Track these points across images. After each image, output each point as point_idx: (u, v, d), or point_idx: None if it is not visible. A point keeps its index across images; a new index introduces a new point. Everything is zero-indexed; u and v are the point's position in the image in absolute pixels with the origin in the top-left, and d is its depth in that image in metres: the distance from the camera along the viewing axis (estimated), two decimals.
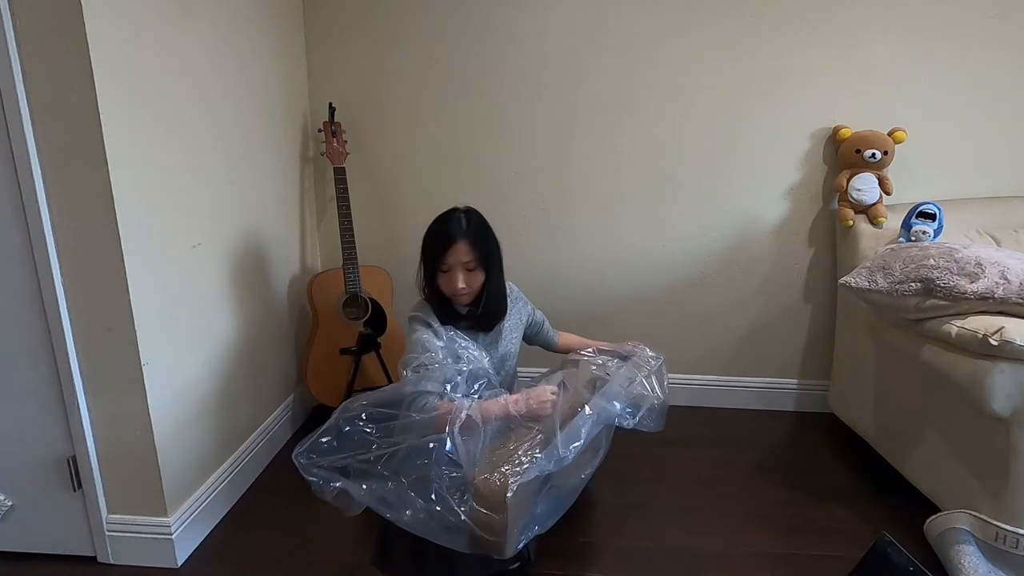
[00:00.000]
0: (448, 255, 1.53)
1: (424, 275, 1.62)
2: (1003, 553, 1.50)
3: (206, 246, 1.79)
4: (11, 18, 1.32)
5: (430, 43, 2.32)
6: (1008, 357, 1.42)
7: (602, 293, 2.47)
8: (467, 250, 1.54)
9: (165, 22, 1.59)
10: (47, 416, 1.56)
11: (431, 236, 1.58)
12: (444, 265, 1.55)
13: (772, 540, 1.74)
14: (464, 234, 1.54)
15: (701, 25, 2.21)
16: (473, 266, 1.55)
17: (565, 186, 2.40)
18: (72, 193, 1.42)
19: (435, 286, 1.60)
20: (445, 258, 1.54)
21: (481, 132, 2.38)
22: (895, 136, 2.13)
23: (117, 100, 1.42)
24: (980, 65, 2.16)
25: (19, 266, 1.46)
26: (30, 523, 1.65)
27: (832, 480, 2.02)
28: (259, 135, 2.09)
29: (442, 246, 1.54)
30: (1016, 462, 1.48)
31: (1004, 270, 1.53)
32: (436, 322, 1.60)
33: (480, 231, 1.58)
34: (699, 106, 2.28)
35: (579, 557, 1.68)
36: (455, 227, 1.55)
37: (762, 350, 2.47)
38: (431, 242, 1.57)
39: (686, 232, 2.39)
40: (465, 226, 1.56)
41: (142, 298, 1.51)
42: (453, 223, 1.56)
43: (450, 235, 1.54)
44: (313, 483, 1.27)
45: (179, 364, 1.68)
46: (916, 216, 1.94)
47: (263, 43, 2.10)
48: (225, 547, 1.75)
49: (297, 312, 2.40)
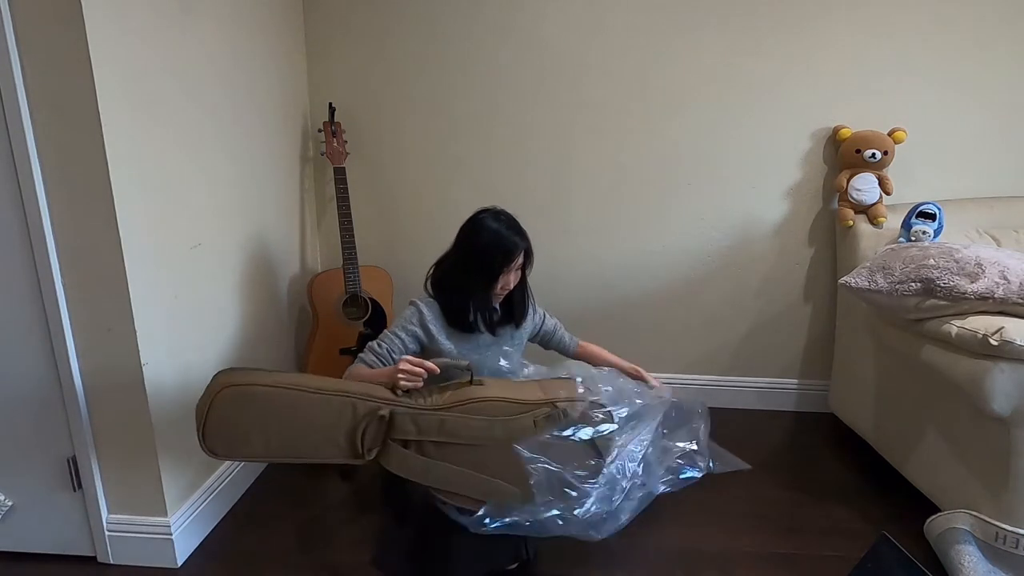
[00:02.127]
0: (517, 260, 1.58)
1: (470, 277, 1.59)
2: (1003, 553, 1.50)
3: (206, 246, 1.79)
4: (11, 18, 1.32)
5: (430, 43, 2.32)
6: (1008, 357, 1.42)
7: (602, 293, 2.48)
8: (522, 252, 1.59)
9: (165, 22, 1.59)
10: (47, 416, 1.56)
11: (497, 243, 1.56)
12: (507, 268, 1.57)
13: (772, 540, 1.74)
14: (522, 237, 1.59)
15: (701, 25, 2.21)
16: (520, 265, 1.61)
17: (565, 186, 2.40)
18: (72, 193, 1.42)
19: (481, 292, 1.60)
20: (514, 263, 1.57)
21: (481, 132, 2.38)
22: (895, 136, 2.13)
23: (117, 100, 1.42)
24: (980, 65, 2.16)
25: (19, 266, 1.46)
26: (30, 523, 1.65)
27: (832, 480, 2.02)
28: (259, 135, 2.09)
29: (514, 252, 1.56)
30: (1016, 462, 1.48)
31: (1004, 270, 1.53)
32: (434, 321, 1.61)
33: (523, 231, 1.61)
34: (699, 106, 2.28)
35: (579, 557, 1.68)
36: (515, 233, 1.58)
37: (762, 350, 2.47)
38: (499, 250, 1.56)
39: (686, 232, 2.39)
40: (517, 228, 1.60)
41: (142, 298, 1.51)
42: (509, 229, 1.57)
43: (515, 243, 1.56)
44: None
45: (179, 364, 1.68)
46: (916, 216, 1.94)
47: (263, 43, 2.10)
48: (225, 547, 1.75)
49: (297, 312, 2.40)
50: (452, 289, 1.62)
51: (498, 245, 1.55)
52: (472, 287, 1.59)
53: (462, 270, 1.59)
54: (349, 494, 1.98)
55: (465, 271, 1.59)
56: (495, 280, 1.57)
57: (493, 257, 1.55)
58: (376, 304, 2.26)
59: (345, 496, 1.97)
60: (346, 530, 1.78)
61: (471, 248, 1.58)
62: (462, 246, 1.60)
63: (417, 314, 1.61)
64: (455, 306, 1.61)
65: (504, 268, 1.56)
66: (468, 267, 1.58)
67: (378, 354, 1.57)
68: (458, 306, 1.61)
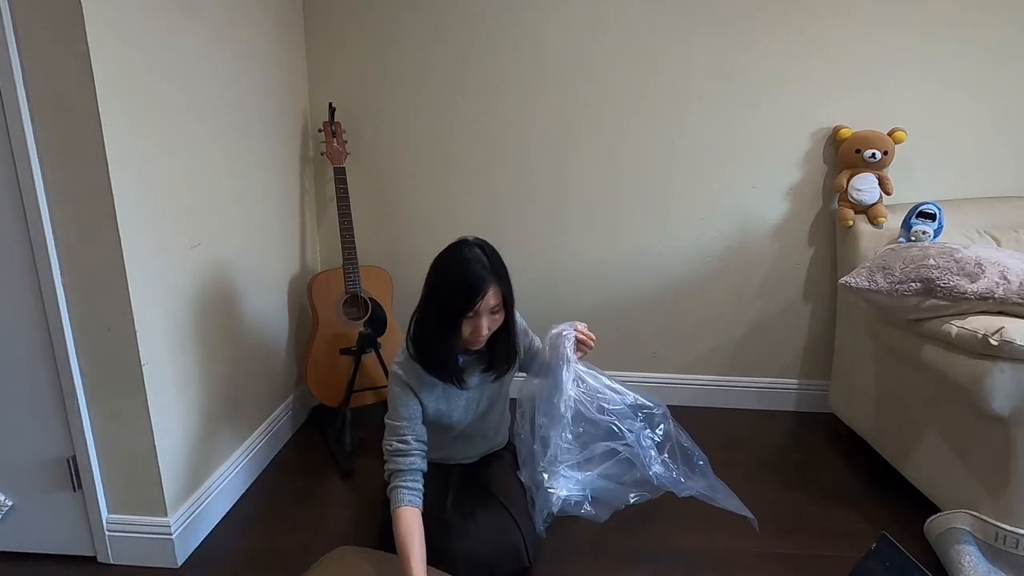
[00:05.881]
0: (480, 303, 1.36)
1: (435, 323, 1.41)
2: (1003, 553, 1.50)
3: (206, 246, 1.79)
4: (11, 18, 1.32)
5: (430, 43, 2.32)
6: (1008, 357, 1.43)
7: (602, 293, 2.47)
8: (496, 292, 1.38)
9: (165, 22, 1.59)
10: (47, 416, 1.56)
11: (456, 281, 1.36)
12: (472, 312, 1.37)
13: (772, 540, 1.74)
14: (491, 274, 1.37)
15: (701, 25, 2.21)
16: (498, 309, 1.41)
17: (565, 186, 2.40)
18: (72, 193, 1.42)
19: (448, 338, 1.42)
20: (477, 307, 1.36)
21: (481, 131, 2.38)
22: (895, 136, 2.13)
23: (117, 100, 1.42)
24: (980, 65, 2.15)
25: (19, 266, 1.46)
26: (30, 523, 1.65)
27: (832, 480, 2.02)
28: (259, 135, 2.09)
29: (475, 292, 1.34)
30: (1016, 462, 1.48)
31: (1004, 270, 1.53)
32: (420, 385, 1.49)
33: (501, 267, 1.41)
34: (699, 106, 2.28)
35: (579, 557, 1.68)
36: (481, 268, 1.36)
37: (762, 350, 2.47)
38: (458, 288, 1.36)
39: (686, 232, 2.39)
40: (489, 264, 1.38)
41: (142, 298, 1.51)
42: (476, 264, 1.36)
43: (480, 278, 1.35)
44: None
45: (179, 364, 1.68)
46: (916, 216, 1.94)
47: (263, 43, 2.10)
48: (225, 547, 1.75)
49: (297, 312, 2.40)
50: (419, 339, 1.46)
51: (457, 284, 1.36)
52: (435, 335, 1.42)
53: (424, 314, 1.44)
54: (349, 494, 1.98)
55: (426, 315, 1.43)
56: (456, 325, 1.38)
57: (451, 297, 1.36)
58: (376, 304, 2.27)
59: (345, 496, 1.97)
60: (346, 530, 1.78)
61: (429, 287, 1.42)
62: (425, 286, 1.43)
63: (397, 380, 1.49)
64: (423, 360, 1.46)
65: (465, 311, 1.36)
66: (428, 310, 1.42)
67: (402, 452, 1.45)
68: (426, 359, 1.46)
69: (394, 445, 1.47)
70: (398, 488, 1.43)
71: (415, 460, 1.46)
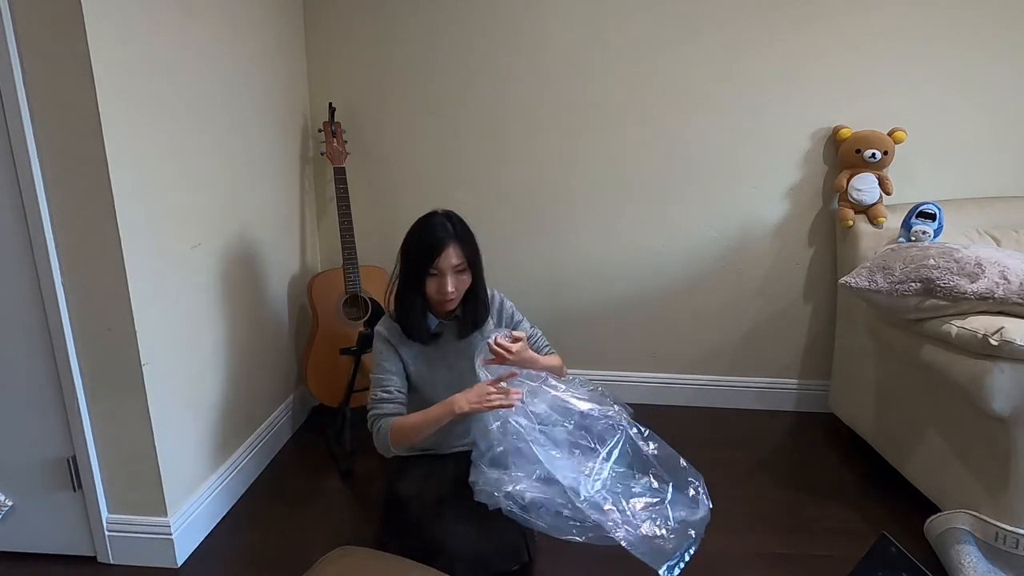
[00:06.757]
0: (440, 259, 1.49)
1: (404, 283, 1.56)
2: (1003, 553, 1.50)
3: (206, 246, 1.79)
4: (11, 18, 1.32)
5: (430, 43, 2.32)
6: (1008, 357, 1.43)
7: (602, 293, 2.47)
8: (457, 252, 1.51)
9: (165, 22, 1.59)
10: (47, 416, 1.56)
11: (418, 241, 1.53)
12: (434, 269, 1.50)
13: (772, 540, 1.74)
14: (452, 236, 1.51)
15: (702, 26, 2.21)
16: (462, 268, 1.53)
17: (565, 186, 2.39)
18: (72, 193, 1.42)
19: (414, 295, 1.55)
20: (437, 262, 1.49)
21: (481, 131, 2.38)
22: (895, 136, 2.13)
23: (117, 100, 1.42)
24: (980, 65, 2.15)
25: (19, 267, 1.46)
26: (30, 523, 1.65)
27: (832, 480, 2.02)
28: (259, 135, 2.09)
29: (434, 250, 1.49)
30: (1016, 462, 1.48)
31: (1004, 270, 1.53)
32: (400, 343, 1.59)
33: (465, 232, 1.55)
34: (699, 106, 2.28)
35: (579, 557, 1.68)
36: (442, 230, 1.51)
37: (762, 350, 2.47)
38: (419, 247, 1.52)
39: (687, 232, 2.39)
40: (452, 228, 1.52)
41: (142, 298, 1.51)
42: (438, 226, 1.52)
43: (440, 238, 1.50)
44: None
45: (179, 364, 1.68)
46: (916, 216, 1.94)
47: (263, 43, 2.10)
48: (225, 547, 1.75)
49: (297, 312, 2.40)
50: (396, 301, 1.59)
51: (419, 243, 1.51)
52: (406, 293, 1.55)
53: (399, 277, 1.57)
54: (349, 494, 1.98)
55: (400, 278, 1.57)
56: (421, 283, 1.52)
57: (415, 256, 1.51)
58: (376, 304, 2.26)
59: (345, 496, 1.97)
60: (346, 530, 1.78)
61: (401, 252, 1.56)
62: (399, 252, 1.57)
63: (380, 337, 1.59)
64: (401, 320, 1.57)
65: (429, 266, 1.50)
66: (401, 273, 1.56)
67: (386, 399, 1.54)
68: (404, 319, 1.57)
69: (378, 395, 1.55)
70: (383, 417, 1.53)
71: (399, 408, 1.54)
